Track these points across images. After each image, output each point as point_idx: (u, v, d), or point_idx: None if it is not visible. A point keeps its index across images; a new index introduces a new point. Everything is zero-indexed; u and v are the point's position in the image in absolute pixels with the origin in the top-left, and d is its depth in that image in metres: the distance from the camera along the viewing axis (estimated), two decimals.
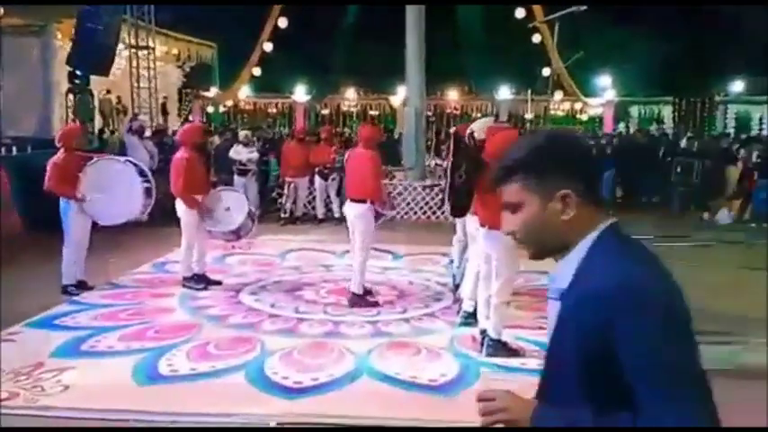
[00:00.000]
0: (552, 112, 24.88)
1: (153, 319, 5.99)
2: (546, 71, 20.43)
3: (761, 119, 23.98)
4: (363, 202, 6.38)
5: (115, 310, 6.23)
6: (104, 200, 6.80)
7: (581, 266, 1.43)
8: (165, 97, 20.76)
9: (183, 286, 6.89)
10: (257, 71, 26.10)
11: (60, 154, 6.91)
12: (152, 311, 6.25)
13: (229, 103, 26.59)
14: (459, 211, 5.91)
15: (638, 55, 22.35)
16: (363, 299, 6.51)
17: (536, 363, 5.11)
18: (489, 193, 5.03)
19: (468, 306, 5.88)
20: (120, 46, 14.17)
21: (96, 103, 16.61)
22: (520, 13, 22.60)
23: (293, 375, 4.73)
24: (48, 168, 6.82)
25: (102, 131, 13.73)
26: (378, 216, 6.62)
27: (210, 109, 26.46)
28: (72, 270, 6.86)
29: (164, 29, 18.73)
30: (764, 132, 22.42)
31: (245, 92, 26.61)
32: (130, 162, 7.08)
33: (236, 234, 7.22)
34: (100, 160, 6.99)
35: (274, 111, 27.47)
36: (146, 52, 14.49)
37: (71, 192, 6.71)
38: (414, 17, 13.36)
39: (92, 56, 11.13)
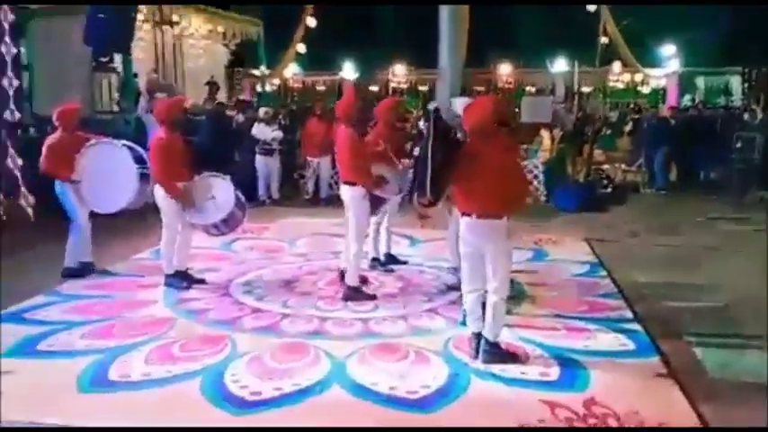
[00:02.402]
0: (611, 84, 23.52)
1: (127, 314, 5.55)
2: (603, 40, 19.21)
3: None
4: (354, 184, 5.75)
5: (91, 303, 5.83)
6: (98, 185, 6.44)
7: None
8: (211, 76, 20.48)
9: (165, 284, 6.24)
10: (302, 48, 25.60)
11: (57, 134, 6.64)
12: (130, 304, 5.81)
13: (277, 81, 26.21)
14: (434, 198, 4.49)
15: (704, 22, 20.74)
16: (359, 292, 5.89)
17: (538, 372, 4.44)
18: (471, 178, 4.26)
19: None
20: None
21: (142, 83, 16.43)
22: None
23: (254, 384, 4.19)
24: (43, 149, 6.57)
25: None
26: (376, 200, 5.98)
27: (260, 88, 26.15)
28: (75, 252, 6.60)
29: (209, 6, 18.39)
30: None
31: (292, 69, 26.18)
32: (127, 146, 6.63)
33: (223, 226, 6.40)
34: (96, 143, 6.60)
35: (323, 88, 26.97)
36: (170, 28, 14.05)
37: (66, 174, 6.42)
38: None
39: (107, 32, 10.72)
